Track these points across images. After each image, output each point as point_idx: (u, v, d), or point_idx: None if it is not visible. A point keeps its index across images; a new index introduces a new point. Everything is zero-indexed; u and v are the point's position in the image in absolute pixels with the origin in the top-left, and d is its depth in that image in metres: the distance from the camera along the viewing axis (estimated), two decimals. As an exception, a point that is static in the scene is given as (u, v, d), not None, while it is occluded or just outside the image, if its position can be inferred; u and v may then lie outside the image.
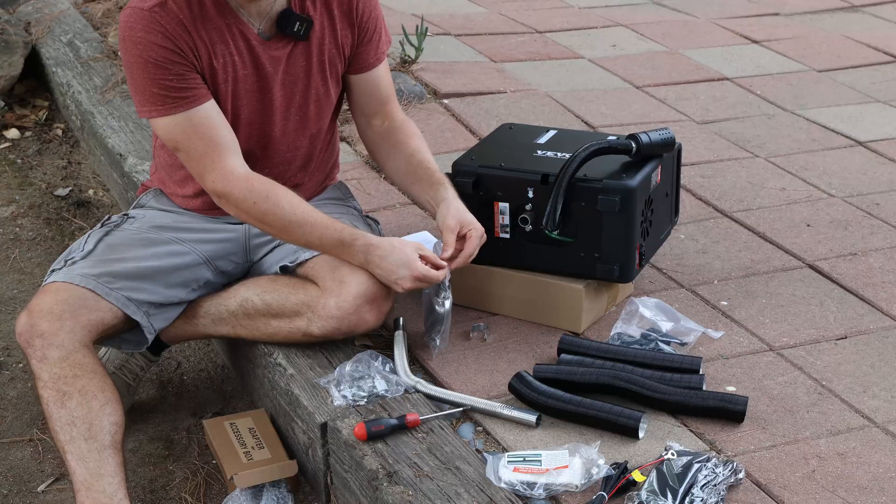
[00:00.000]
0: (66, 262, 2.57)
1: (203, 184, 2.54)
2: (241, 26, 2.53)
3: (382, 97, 2.78)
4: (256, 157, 2.64)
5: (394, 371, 2.52)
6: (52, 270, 2.56)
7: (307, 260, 2.61)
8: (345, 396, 2.45)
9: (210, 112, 2.51)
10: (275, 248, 2.72)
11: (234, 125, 2.58)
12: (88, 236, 2.66)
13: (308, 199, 2.75)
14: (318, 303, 2.52)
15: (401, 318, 2.67)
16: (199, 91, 2.49)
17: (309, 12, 2.58)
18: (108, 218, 2.75)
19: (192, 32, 2.46)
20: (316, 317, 2.53)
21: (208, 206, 2.68)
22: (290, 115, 2.65)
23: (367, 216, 2.91)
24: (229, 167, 2.50)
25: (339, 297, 2.51)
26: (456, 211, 2.59)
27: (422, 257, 2.51)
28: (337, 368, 2.51)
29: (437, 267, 2.52)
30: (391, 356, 2.57)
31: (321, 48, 2.63)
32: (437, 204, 2.64)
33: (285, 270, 2.63)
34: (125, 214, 2.76)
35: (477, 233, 2.58)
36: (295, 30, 2.56)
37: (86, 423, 2.38)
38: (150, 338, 2.59)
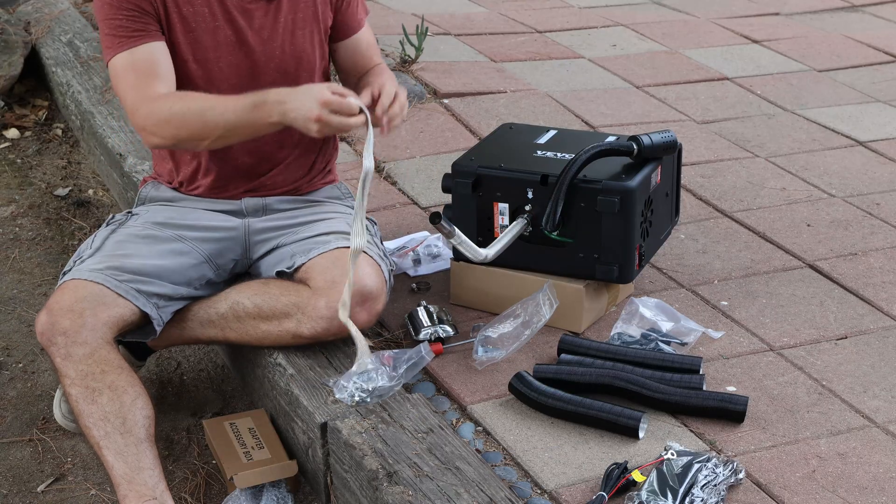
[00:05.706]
0: (75, 262, 2.59)
1: (134, 121, 2.53)
2: None
3: (366, 57, 2.79)
4: None
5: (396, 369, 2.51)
6: (64, 272, 2.57)
7: (302, 265, 2.60)
8: (351, 395, 2.44)
9: (153, 49, 2.52)
10: (272, 250, 2.72)
11: (209, 79, 2.58)
12: (95, 236, 2.68)
13: (300, 183, 2.78)
14: (308, 303, 2.51)
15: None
16: (148, 32, 2.51)
17: None
18: (113, 217, 2.76)
19: None
20: (306, 318, 2.52)
21: (206, 188, 2.72)
22: (269, 70, 2.63)
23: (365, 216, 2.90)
24: (155, 94, 2.50)
25: (329, 297, 2.50)
26: (378, 79, 2.58)
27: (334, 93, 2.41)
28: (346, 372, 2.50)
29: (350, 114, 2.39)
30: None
31: (299, 8, 2.63)
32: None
33: (282, 276, 2.62)
34: (129, 212, 2.77)
35: (389, 88, 2.51)
36: None
37: (119, 418, 2.38)
38: (159, 330, 2.57)
